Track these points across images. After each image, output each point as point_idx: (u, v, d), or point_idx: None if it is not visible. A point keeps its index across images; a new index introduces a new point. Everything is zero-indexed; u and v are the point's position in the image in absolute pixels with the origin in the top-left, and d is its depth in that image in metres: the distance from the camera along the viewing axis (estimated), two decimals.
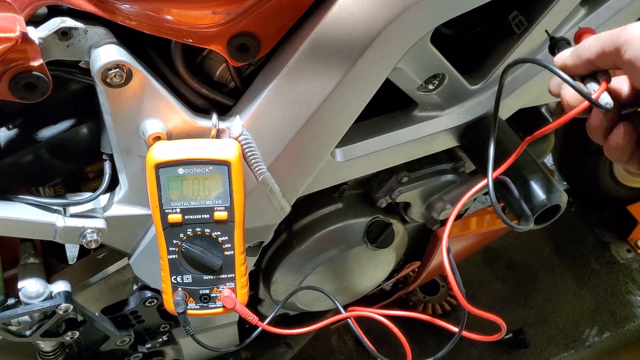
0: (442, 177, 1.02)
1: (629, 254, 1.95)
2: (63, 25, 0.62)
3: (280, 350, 1.36)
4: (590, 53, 0.57)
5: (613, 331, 1.76)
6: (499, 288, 1.84)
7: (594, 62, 0.57)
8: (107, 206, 0.78)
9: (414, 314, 0.83)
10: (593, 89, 0.57)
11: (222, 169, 0.69)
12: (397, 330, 0.81)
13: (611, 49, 0.55)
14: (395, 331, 0.81)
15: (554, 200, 0.84)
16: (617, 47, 0.54)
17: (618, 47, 0.54)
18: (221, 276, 0.76)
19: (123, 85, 0.66)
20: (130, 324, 1.00)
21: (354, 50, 0.70)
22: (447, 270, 0.68)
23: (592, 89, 0.58)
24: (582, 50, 0.58)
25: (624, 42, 0.53)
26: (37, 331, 0.85)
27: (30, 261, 0.86)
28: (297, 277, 1.06)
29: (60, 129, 0.77)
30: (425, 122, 0.88)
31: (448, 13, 0.72)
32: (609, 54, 0.55)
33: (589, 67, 0.58)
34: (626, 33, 0.54)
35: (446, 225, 0.70)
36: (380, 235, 1.04)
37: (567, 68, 0.60)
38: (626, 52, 0.53)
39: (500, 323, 0.77)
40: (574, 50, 0.59)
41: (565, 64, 0.60)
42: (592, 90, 0.58)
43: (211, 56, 0.76)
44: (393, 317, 0.82)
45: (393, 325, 0.81)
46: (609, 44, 0.55)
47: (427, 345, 1.63)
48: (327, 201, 1.04)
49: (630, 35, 0.53)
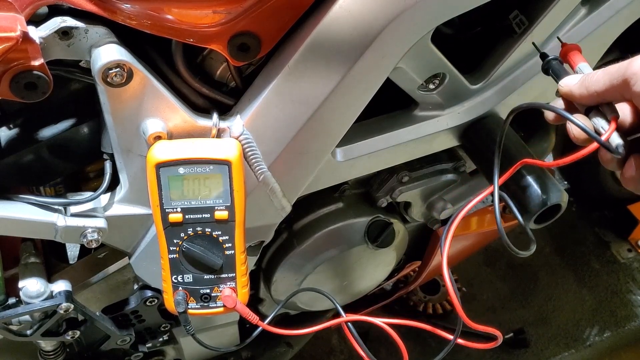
0: (443, 177, 1.02)
1: (630, 253, 1.95)
2: (64, 24, 0.62)
3: (281, 350, 1.36)
4: (598, 86, 0.58)
5: (614, 331, 1.76)
6: (499, 287, 1.84)
7: (602, 95, 0.58)
8: (107, 206, 0.78)
9: (411, 322, 0.84)
10: (601, 126, 0.58)
11: (223, 168, 0.69)
12: (395, 334, 0.81)
13: (619, 82, 0.56)
14: (393, 335, 0.81)
15: (554, 199, 0.84)
16: (626, 80, 0.55)
17: (626, 79, 0.55)
18: (222, 276, 0.76)
19: (124, 84, 0.66)
20: (130, 324, 1.00)
21: (354, 50, 0.70)
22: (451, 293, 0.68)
23: (599, 126, 0.58)
24: (590, 82, 0.59)
25: (632, 75, 0.55)
26: (37, 330, 0.85)
27: (31, 261, 0.86)
28: (297, 276, 1.06)
29: (61, 129, 0.77)
30: (426, 121, 0.88)
31: (448, 12, 0.72)
32: (618, 86, 0.57)
33: (595, 100, 0.59)
34: (634, 66, 0.55)
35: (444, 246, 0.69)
36: (381, 234, 1.04)
37: (573, 97, 0.61)
38: (635, 84, 0.55)
39: (497, 334, 0.78)
40: (582, 82, 0.60)
41: (572, 93, 0.61)
42: (599, 126, 0.58)
43: (212, 56, 0.76)
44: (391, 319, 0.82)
45: (391, 330, 0.81)
46: (617, 77, 0.56)
47: (427, 345, 1.63)
48: (328, 201, 1.04)
49: (639, 68, 0.55)
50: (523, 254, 0.75)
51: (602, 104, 0.59)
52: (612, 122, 0.57)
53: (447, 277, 0.68)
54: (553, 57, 0.70)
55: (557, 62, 0.69)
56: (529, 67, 0.87)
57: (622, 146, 0.57)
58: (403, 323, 0.83)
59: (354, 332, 0.83)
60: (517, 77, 0.88)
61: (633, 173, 0.60)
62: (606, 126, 0.58)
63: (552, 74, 0.69)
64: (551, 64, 0.69)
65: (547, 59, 0.69)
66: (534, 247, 0.75)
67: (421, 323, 0.84)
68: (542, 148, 1.13)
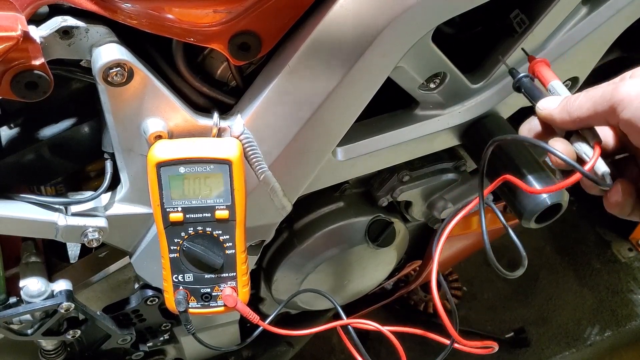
0: (444, 176, 1.02)
1: (631, 252, 1.95)
2: (64, 24, 0.62)
3: (281, 349, 1.36)
4: (581, 112, 0.56)
5: (614, 330, 1.76)
6: (500, 287, 1.84)
7: (585, 121, 0.56)
8: (108, 205, 0.78)
9: (409, 329, 0.84)
10: (584, 152, 0.57)
11: (224, 167, 0.69)
12: (394, 338, 0.82)
13: (605, 108, 0.54)
14: (392, 339, 0.81)
15: (555, 198, 0.84)
16: (612, 106, 0.53)
17: (613, 106, 0.53)
18: (222, 275, 0.76)
19: (124, 84, 0.66)
20: (131, 323, 1.00)
21: (355, 49, 0.70)
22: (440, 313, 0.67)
23: (582, 152, 0.57)
24: (572, 108, 0.57)
25: (619, 101, 0.53)
26: (38, 330, 0.85)
27: (32, 260, 0.86)
28: (298, 276, 1.06)
29: (62, 128, 0.77)
30: (427, 120, 0.88)
31: (449, 12, 0.72)
32: (603, 113, 0.54)
33: (577, 125, 0.57)
34: (620, 92, 0.53)
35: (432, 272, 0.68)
36: (382, 234, 1.04)
37: (553, 122, 0.60)
38: (623, 111, 0.52)
39: (493, 344, 0.79)
40: (563, 106, 0.58)
41: (553, 118, 0.59)
42: (582, 152, 0.57)
43: (212, 55, 0.76)
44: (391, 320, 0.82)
45: (390, 334, 0.82)
46: (601, 103, 0.54)
47: (428, 344, 1.63)
48: (328, 200, 1.04)
49: (627, 94, 0.52)
50: (511, 276, 0.72)
51: (583, 128, 0.57)
52: (596, 147, 0.55)
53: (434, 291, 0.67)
54: (524, 75, 0.68)
55: (529, 79, 0.67)
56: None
57: (609, 174, 0.55)
58: (401, 330, 0.83)
59: (353, 336, 0.83)
60: None
61: (619, 199, 0.57)
62: (590, 152, 0.56)
63: (525, 93, 0.66)
64: (522, 82, 0.67)
65: (517, 77, 0.67)
66: (523, 268, 0.73)
67: (418, 329, 0.83)
68: None
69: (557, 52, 0.86)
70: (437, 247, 0.67)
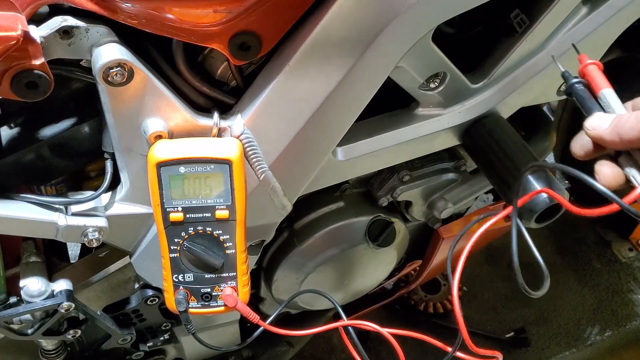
0: (444, 176, 1.02)
1: (631, 252, 1.94)
2: (64, 24, 0.62)
3: (282, 349, 1.36)
4: (632, 134, 0.55)
5: (615, 330, 1.76)
6: (500, 287, 1.84)
7: (635, 143, 0.55)
8: (108, 205, 0.78)
9: (410, 333, 0.84)
10: (632, 175, 0.56)
11: (224, 167, 0.69)
12: (394, 340, 0.82)
13: None
14: (391, 341, 0.82)
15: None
16: None
17: None
18: (222, 275, 0.76)
19: (124, 84, 0.66)
20: (131, 323, 1.00)
21: (355, 49, 0.70)
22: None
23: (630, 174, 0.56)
24: (623, 130, 0.56)
25: None
26: (38, 330, 0.85)
27: (32, 260, 0.86)
28: (298, 275, 1.06)
29: (62, 128, 0.77)
30: (427, 120, 0.88)
31: (449, 11, 0.72)
32: None
33: (627, 146, 0.56)
34: None
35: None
36: (382, 234, 1.04)
37: (603, 142, 0.58)
38: None
39: (497, 354, 0.80)
40: (613, 128, 0.57)
41: (603, 139, 0.58)
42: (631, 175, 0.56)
43: (212, 55, 0.76)
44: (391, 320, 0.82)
45: (389, 335, 0.82)
46: None
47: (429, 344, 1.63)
48: (329, 200, 1.04)
49: None
50: (535, 295, 0.72)
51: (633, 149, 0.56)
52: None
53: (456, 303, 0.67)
54: (577, 80, 0.62)
55: (582, 86, 0.62)
56: (530, 67, 0.87)
57: None
58: (402, 333, 0.83)
59: (353, 336, 0.83)
60: (518, 77, 0.88)
61: None
62: (638, 177, 0.55)
63: (577, 102, 0.62)
64: (575, 88, 0.62)
65: (570, 82, 0.63)
66: (546, 287, 0.73)
67: (418, 333, 0.84)
68: (543, 147, 1.13)
69: (557, 52, 0.86)
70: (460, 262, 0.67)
